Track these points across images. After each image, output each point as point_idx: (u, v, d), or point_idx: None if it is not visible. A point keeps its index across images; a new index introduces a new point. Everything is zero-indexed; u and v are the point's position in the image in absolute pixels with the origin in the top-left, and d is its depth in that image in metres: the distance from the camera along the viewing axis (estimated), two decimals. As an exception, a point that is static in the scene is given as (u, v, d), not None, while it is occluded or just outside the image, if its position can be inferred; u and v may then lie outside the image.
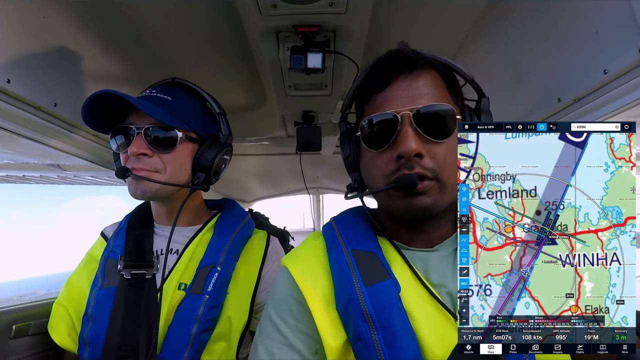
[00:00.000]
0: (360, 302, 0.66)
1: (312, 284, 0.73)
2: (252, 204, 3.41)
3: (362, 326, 0.65)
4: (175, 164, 0.99)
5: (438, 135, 0.68)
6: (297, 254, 0.82)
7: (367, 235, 0.77)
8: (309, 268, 0.76)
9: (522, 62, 1.24)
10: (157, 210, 1.09)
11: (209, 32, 1.18)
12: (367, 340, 0.64)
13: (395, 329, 0.64)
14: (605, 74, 1.01)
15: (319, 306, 0.71)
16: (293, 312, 0.73)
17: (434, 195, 0.68)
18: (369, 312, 0.65)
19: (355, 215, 0.84)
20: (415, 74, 0.73)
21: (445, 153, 0.67)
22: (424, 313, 0.66)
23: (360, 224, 0.80)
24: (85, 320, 0.95)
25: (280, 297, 0.77)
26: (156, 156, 0.97)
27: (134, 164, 0.95)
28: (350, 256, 0.72)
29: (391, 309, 0.65)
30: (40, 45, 1.01)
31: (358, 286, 0.68)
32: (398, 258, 0.73)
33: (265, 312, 0.77)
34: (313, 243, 0.82)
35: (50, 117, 1.13)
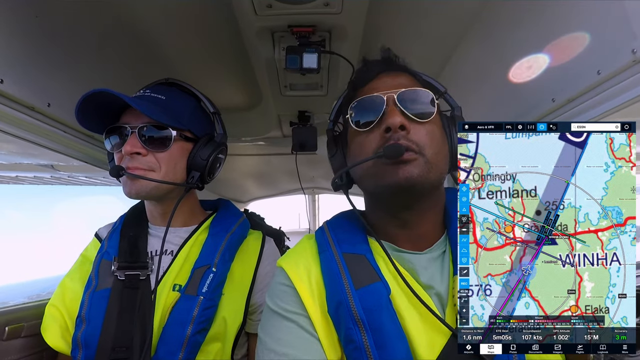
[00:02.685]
0: (350, 305, 0.68)
1: (308, 285, 0.75)
2: (247, 204, 3.40)
3: (352, 328, 0.66)
4: (169, 163, 0.98)
5: (420, 116, 0.74)
6: (292, 255, 0.83)
7: (358, 238, 0.79)
8: (304, 269, 0.78)
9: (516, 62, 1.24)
10: (151, 210, 1.08)
11: (205, 33, 1.17)
12: (357, 342, 0.65)
13: (386, 330, 0.65)
14: (599, 74, 1.01)
15: (316, 309, 0.72)
16: (293, 301, 0.75)
17: (419, 167, 0.70)
18: (359, 314, 0.66)
19: (347, 219, 0.86)
20: (396, 73, 0.81)
21: (428, 132, 0.72)
22: (413, 314, 0.68)
23: (352, 227, 0.82)
24: (79, 322, 0.94)
25: (278, 291, 0.78)
26: (151, 155, 0.96)
27: (128, 163, 0.95)
28: (341, 259, 0.74)
29: (381, 311, 0.67)
30: (33, 45, 0.99)
31: (348, 289, 0.70)
32: (388, 260, 0.74)
33: (266, 308, 0.79)
34: (308, 243, 0.84)
35: (44, 118, 1.12)
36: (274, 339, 0.72)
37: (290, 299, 0.75)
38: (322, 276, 0.75)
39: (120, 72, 1.25)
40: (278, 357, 0.70)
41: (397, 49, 0.96)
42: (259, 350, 0.74)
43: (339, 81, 1.41)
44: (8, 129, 1.03)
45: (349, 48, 1.20)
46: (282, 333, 0.72)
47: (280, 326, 0.73)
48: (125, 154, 0.94)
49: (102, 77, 1.23)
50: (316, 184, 3.18)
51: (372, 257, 0.74)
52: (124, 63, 1.25)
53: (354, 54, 1.24)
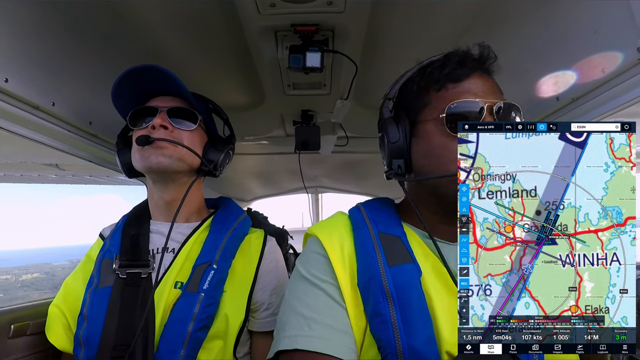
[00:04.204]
0: (382, 280, 0.69)
1: (341, 256, 0.77)
2: (250, 203, 3.40)
3: (381, 302, 0.68)
4: (191, 142, 1.03)
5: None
6: (325, 226, 0.84)
7: (393, 222, 0.81)
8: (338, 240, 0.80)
9: (520, 61, 1.24)
10: (157, 201, 1.09)
11: (208, 32, 1.17)
12: (385, 315, 0.67)
13: (414, 308, 0.67)
14: (603, 73, 1.01)
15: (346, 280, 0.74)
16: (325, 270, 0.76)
17: None
18: (390, 289, 0.68)
19: (383, 204, 0.88)
20: (487, 75, 0.82)
21: None
22: (442, 297, 0.69)
23: (388, 211, 0.85)
24: (80, 320, 0.95)
25: (311, 258, 0.79)
26: (176, 131, 1.01)
27: (154, 134, 0.98)
28: (376, 237, 0.76)
29: (411, 289, 0.68)
30: (38, 45, 1.00)
31: (382, 265, 0.71)
32: (421, 245, 0.76)
33: (296, 274, 0.80)
34: (341, 218, 0.86)
35: (49, 117, 1.13)
36: (303, 304, 0.73)
37: (322, 267, 0.76)
38: (355, 250, 0.77)
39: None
40: (305, 321, 0.70)
41: (400, 47, 0.96)
42: (286, 313, 0.75)
43: (342, 80, 1.41)
44: (13, 128, 1.04)
45: (352, 47, 1.20)
46: (310, 299, 0.73)
47: (310, 292, 0.74)
48: (155, 125, 0.98)
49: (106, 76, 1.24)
50: (319, 183, 3.18)
51: (406, 240, 0.76)
52: (128, 62, 1.25)
53: (357, 53, 1.24)
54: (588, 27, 0.99)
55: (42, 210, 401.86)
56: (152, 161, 0.98)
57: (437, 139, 0.78)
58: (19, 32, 0.94)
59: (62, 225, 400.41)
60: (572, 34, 1.04)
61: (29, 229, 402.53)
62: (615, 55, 0.97)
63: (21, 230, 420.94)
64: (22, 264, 38.22)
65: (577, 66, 1.09)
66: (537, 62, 1.19)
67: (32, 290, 19.24)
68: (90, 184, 2.64)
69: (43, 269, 21.93)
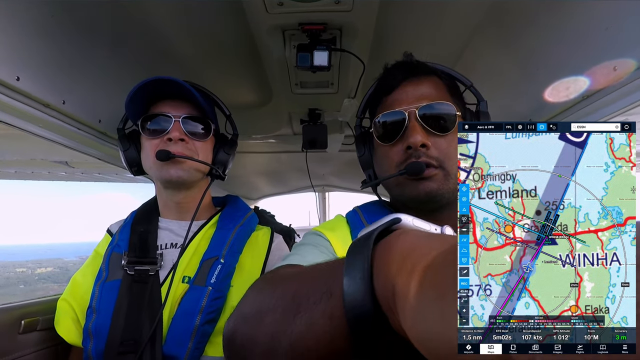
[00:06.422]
0: None
1: (343, 246, 0.80)
2: (257, 201, 3.42)
3: None
4: (205, 152, 1.07)
5: (441, 130, 0.78)
6: (327, 225, 0.88)
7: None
8: (340, 235, 0.83)
9: (530, 60, 1.23)
10: (167, 201, 1.11)
11: (216, 31, 1.18)
12: None
13: None
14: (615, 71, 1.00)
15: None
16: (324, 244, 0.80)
17: (438, 181, 0.76)
18: None
19: (375, 206, 0.92)
20: (419, 79, 0.83)
21: (448, 145, 0.77)
22: None
23: (381, 213, 0.88)
24: (90, 313, 0.97)
25: (310, 239, 0.83)
26: (191, 143, 1.04)
27: (172, 148, 1.00)
28: None
29: None
30: (49, 44, 1.02)
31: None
32: None
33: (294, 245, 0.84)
34: (341, 221, 0.90)
35: (59, 115, 1.14)
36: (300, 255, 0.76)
37: (322, 242, 0.80)
38: None
39: (133, 70, 1.28)
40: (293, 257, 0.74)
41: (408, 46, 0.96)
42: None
43: (349, 79, 1.41)
44: (24, 126, 1.06)
45: (359, 45, 1.20)
46: (307, 253, 0.76)
47: (308, 249, 0.78)
48: (174, 139, 1.01)
49: (115, 75, 1.26)
50: (326, 181, 3.18)
51: None
52: (137, 61, 1.27)
53: (365, 52, 1.24)
54: (599, 25, 0.98)
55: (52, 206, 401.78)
56: (172, 175, 1.01)
57: (378, 148, 0.87)
58: (30, 31, 0.95)
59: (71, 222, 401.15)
60: (583, 32, 1.03)
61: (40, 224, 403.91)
62: (628, 54, 0.96)
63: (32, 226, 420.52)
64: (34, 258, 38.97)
65: (588, 64, 1.07)
66: (548, 60, 1.18)
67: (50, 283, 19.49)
68: (99, 181, 2.67)
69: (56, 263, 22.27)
